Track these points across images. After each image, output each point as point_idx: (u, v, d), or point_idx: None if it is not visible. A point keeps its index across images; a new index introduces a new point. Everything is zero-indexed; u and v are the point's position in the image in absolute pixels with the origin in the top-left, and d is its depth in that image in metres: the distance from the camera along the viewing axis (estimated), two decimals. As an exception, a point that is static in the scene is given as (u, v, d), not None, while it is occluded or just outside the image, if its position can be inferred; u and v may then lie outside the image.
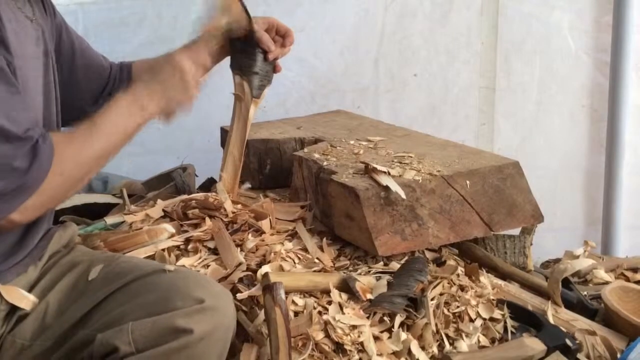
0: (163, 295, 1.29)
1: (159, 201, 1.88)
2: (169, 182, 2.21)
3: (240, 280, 1.60)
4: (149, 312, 1.26)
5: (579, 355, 1.56)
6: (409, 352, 1.48)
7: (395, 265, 1.67)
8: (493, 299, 1.66)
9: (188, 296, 1.27)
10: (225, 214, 1.77)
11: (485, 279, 1.73)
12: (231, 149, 1.90)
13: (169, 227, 1.73)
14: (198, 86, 1.54)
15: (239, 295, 1.54)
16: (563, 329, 1.61)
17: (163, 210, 1.84)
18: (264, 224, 1.76)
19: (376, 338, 1.49)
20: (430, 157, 1.88)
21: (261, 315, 1.50)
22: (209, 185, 2.16)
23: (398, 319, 1.53)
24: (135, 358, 1.23)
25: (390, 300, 1.54)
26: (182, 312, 1.25)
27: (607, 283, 1.91)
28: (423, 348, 1.50)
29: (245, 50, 1.81)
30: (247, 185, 2.05)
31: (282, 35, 1.83)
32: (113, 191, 2.40)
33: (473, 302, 1.62)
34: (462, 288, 1.66)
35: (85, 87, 1.69)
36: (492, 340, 1.58)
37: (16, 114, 1.26)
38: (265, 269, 1.59)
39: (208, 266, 1.64)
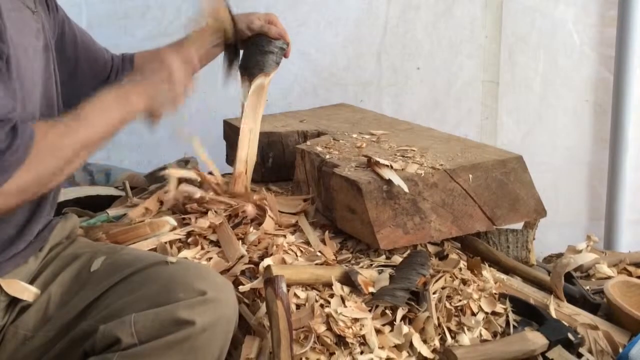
0: (165, 286, 1.29)
1: (160, 193, 1.89)
2: (172, 175, 2.20)
3: (243, 272, 1.61)
4: (151, 303, 1.26)
5: (581, 350, 1.56)
6: (411, 345, 1.49)
7: (397, 259, 1.67)
8: (495, 293, 1.66)
9: (190, 288, 1.27)
10: (226, 208, 1.77)
11: (488, 273, 1.73)
12: (242, 156, 1.89)
13: (171, 220, 1.73)
14: (187, 87, 1.47)
15: (241, 288, 1.55)
16: (565, 323, 1.61)
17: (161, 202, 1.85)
18: (266, 217, 1.76)
19: (378, 331, 1.49)
20: (433, 151, 1.87)
21: (263, 308, 1.50)
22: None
23: (400, 313, 1.53)
24: (138, 349, 1.24)
25: (392, 294, 1.54)
26: (184, 304, 1.25)
27: (609, 278, 1.91)
28: (425, 341, 1.50)
29: (254, 53, 1.81)
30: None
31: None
32: (115, 184, 2.41)
33: (475, 296, 1.62)
34: (464, 282, 1.66)
35: (87, 80, 1.68)
36: (494, 334, 1.58)
37: None
38: (267, 261, 1.60)
39: (210, 259, 1.65)
